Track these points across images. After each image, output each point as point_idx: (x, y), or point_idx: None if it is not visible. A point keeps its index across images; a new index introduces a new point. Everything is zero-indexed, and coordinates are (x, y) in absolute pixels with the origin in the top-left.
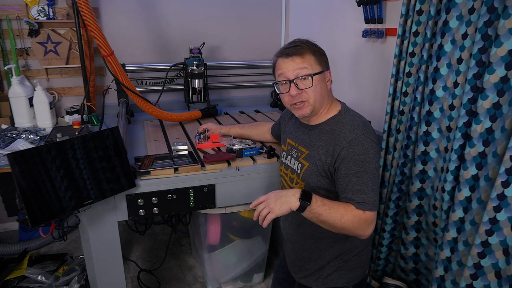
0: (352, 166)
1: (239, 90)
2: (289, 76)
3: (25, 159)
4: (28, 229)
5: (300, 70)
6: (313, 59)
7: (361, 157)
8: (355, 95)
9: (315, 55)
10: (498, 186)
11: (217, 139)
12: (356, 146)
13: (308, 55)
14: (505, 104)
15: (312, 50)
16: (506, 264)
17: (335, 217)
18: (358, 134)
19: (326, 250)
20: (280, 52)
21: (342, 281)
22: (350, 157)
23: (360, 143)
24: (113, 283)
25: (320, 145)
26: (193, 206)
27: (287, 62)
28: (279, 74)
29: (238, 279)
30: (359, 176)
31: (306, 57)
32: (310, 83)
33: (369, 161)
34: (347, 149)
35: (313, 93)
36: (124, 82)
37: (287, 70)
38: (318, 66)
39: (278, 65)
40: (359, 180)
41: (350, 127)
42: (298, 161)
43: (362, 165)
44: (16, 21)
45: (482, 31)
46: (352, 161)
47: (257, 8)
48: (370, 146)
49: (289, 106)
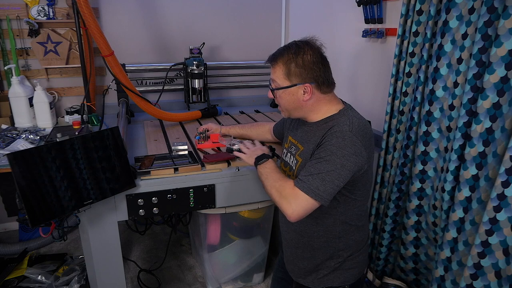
0: (321, 152)
1: (239, 90)
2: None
3: (25, 159)
4: (28, 229)
5: (271, 80)
6: (282, 71)
7: (333, 149)
8: (355, 95)
9: (287, 67)
10: (498, 186)
11: (217, 139)
12: (334, 138)
13: (279, 66)
14: (505, 104)
15: (286, 61)
16: (506, 264)
17: (269, 180)
18: (345, 130)
19: (319, 249)
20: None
21: (338, 281)
22: (324, 145)
23: (340, 137)
24: (113, 283)
25: (313, 141)
26: (193, 206)
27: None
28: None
29: (238, 279)
30: (319, 162)
31: (277, 68)
32: (274, 95)
33: (339, 156)
34: (327, 137)
35: (283, 102)
36: (124, 82)
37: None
38: (285, 81)
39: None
40: (316, 165)
41: (341, 123)
42: (294, 157)
43: (329, 155)
44: (16, 21)
45: (482, 31)
46: (323, 148)
47: (257, 8)
48: (351, 145)
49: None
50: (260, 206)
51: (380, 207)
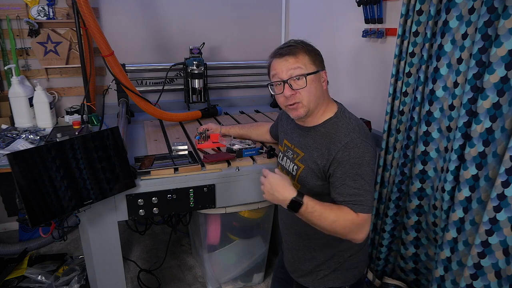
0: (349, 169)
1: (239, 90)
2: (283, 77)
3: (25, 159)
4: (28, 229)
5: (294, 70)
6: (307, 58)
7: (357, 160)
8: (355, 95)
9: (309, 54)
10: (498, 186)
11: (217, 139)
12: (351, 150)
13: (301, 55)
14: (505, 104)
15: (306, 50)
16: (506, 264)
17: (325, 222)
18: (354, 137)
19: (320, 250)
20: (274, 53)
21: (338, 281)
22: (346, 161)
23: (355, 146)
24: (113, 283)
25: (315, 147)
26: (193, 206)
27: (281, 63)
28: (273, 75)
29: (238, 279)
30: (355, 179)
31: (300, 57)
32: (304, 83)
33: (365, 164)
34: (343, 152)
35: (307, 94)
36: (124, 82)
37: (281, 70)
38: (312, 66)
39: (272, 66)
40: (355, 183)
41: (345, 130)
42: (294, 163)
43: (358, 168)
44: (16, 21)
45: (482, 31)
46: (348, 165)
47: (257, 8)
48: (366, 149)
49: (284, 107)
50: (260, 206)
51: (380, 207)
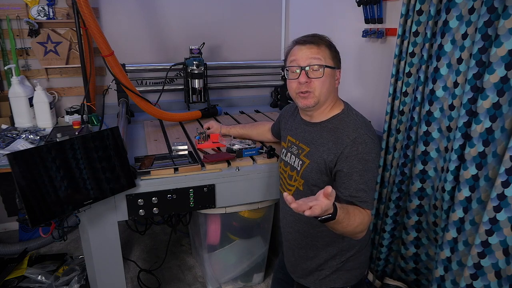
0: (356, 164)
1: (239, 90)
2: (302, 63)
3: (25, 159)
4: (28, 229)
5: (314, 60)
6: (328, 52)
7: (365, 156)
8: (355, 95)
9: (330, 50)
10: (498, 186)
11: (217, 139)
12: (359, 145)
13: (324, 48)
14: (505, 104)
15: (328, 45)
16: (506, 264)
17: (349, 227)
18: (362, 133)
19: (322, 249)
20: (297, 40)
21: (340, 282)
22: (353, 156)
23: (363, 142)
24: (113, 283)
25: (321, 142)
26: (193, 206)
27: (303, 50)
28: (292, 60)
29: (238, 279)
30: (362, 175)
31: (322, 49)
32: (321, 74)
33: (371, 161)
34: (351, 147)
35: (320, 85)
36: (124, 82)
37: (301, 57)
38: (331, 61)
39: (293, 51)
40: (362, 179)
41: (353, 126)
42: (299, 158)
43: (365, 164)
44: (16, 21)
45: (482, 31)
46: (356, 160)
47: (257, 8)
48: (373, 146)
49: (294, 94)
50: (260, 206)
51: (381, 207)
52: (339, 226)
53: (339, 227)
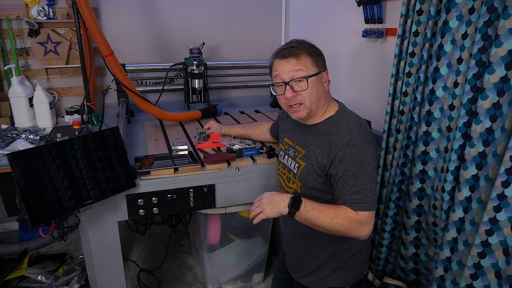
0: (350, 167)
1: (239, 90)
2: (284, 78)
3: (25, 159)
4: (28, 229)
5: (296, 72)
6: (309, 60)
7: (359, 158)
8: (355, 95)
9: (311, 56)
10: (498, 186)
11: (217, 139)
12: (353, 148)
13: (303, 57)
14: (505, 104)
15: (308, 51)
16: (506, 264)
17: (325, 220)
18: (355, 135)
19: (322, 250)
20: (275, 53)
21: (340, 281)
22: (347, 159)
23: (357, 144)
24: (113, 283)
25: (316, 145)
26: (193, 206)
27: (283, 64)
28: (275, 76)
29: (238, 279)
30: (357, 177)
31: (302, 59)
32: (306, 85)
33: (366, 162)
34: (344, 150)
35: (308, 95)
36: (124, 82)
37: (283, 72)
38: (314, 68)
39: (274, 66)
40: (357, 181)
41: (346, 128)
42: (295, 160)
43: (360, 166)
44: (16, 21)
45: (482, 31)
46: (350, 162)
47: (257, 8)
48: (367, 147)
49: (286, 107)
50: None
51: (380, 207)
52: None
53: (311, 217)
